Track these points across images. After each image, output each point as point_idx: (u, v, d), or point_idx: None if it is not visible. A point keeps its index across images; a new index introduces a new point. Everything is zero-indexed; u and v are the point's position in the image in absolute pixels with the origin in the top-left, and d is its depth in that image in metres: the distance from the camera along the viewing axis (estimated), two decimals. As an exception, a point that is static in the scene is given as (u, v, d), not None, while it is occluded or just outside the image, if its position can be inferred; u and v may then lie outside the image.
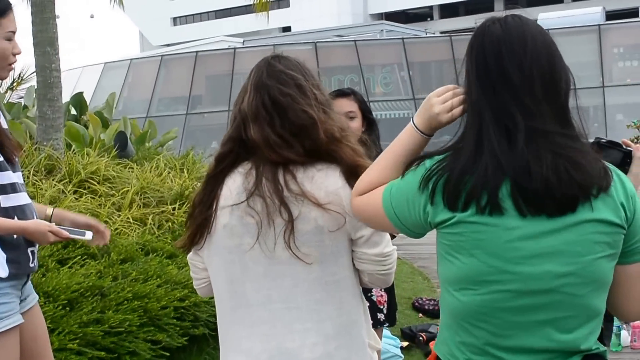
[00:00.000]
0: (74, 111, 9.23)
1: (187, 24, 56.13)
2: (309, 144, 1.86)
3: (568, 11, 28.95)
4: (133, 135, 8.74)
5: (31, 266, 2.49)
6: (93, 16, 53.63)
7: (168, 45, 45.20)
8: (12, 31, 2.50)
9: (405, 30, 32.03)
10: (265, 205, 1.84)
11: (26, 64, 10.98)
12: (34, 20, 6.62)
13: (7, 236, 2.40)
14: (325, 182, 1.85)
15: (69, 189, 5.63)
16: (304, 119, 1.87)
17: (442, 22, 48.84)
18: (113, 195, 5.74)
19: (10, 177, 2.44)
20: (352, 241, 1.89)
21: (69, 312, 3.56)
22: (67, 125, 7.42)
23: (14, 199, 2.44)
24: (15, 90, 11.33)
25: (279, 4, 43.99)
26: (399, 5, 49.45)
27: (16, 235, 2.42)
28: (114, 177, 6.15)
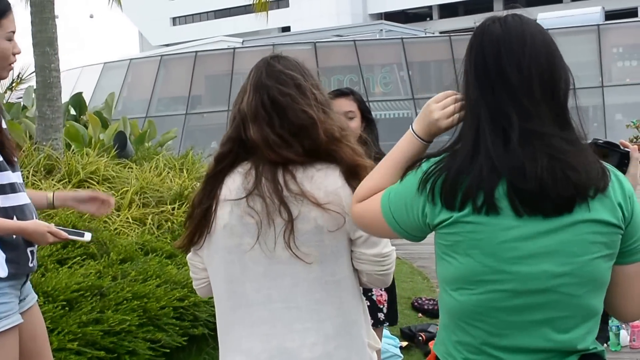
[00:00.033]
0: (73, 111, 9.22)
1: (186, 24, 56.09)
2: (308, 144, 1.86)
3: (567, 11, 28.96)
4: (132, 135, 8.73)
5: (30, 266, 2.49)
6: (92, 16, 53.41)
7: (167, 45, 45.16)
8: (12, 31, 2.51)
9: (405, 30, 32.04)
10: (265, 205, 1.84)
11: (25, 64, 10.96)
12: (33, 20, 6.62)
13: (6, 236, 2.40)
14: (325, 182, 1.85)
15: (68, 188, 5.62)
16: (304, 118, 1.87)
17: (442, 22, 48.81)
18: (112, 195, 5.72)
19: (10, 177, 2.45)
20: (351, 241, 1.89)
21: (68, 312, 3.57)
22: (66, 125, 7.41)
23: (13, 199, 2.44)
24: (14, 91, 11.31)
25: (278, 4, 43.98)
26: (399, 5, 49.43)
27: (15, 235, 2.42)
28: (113, 177, 6.15)
